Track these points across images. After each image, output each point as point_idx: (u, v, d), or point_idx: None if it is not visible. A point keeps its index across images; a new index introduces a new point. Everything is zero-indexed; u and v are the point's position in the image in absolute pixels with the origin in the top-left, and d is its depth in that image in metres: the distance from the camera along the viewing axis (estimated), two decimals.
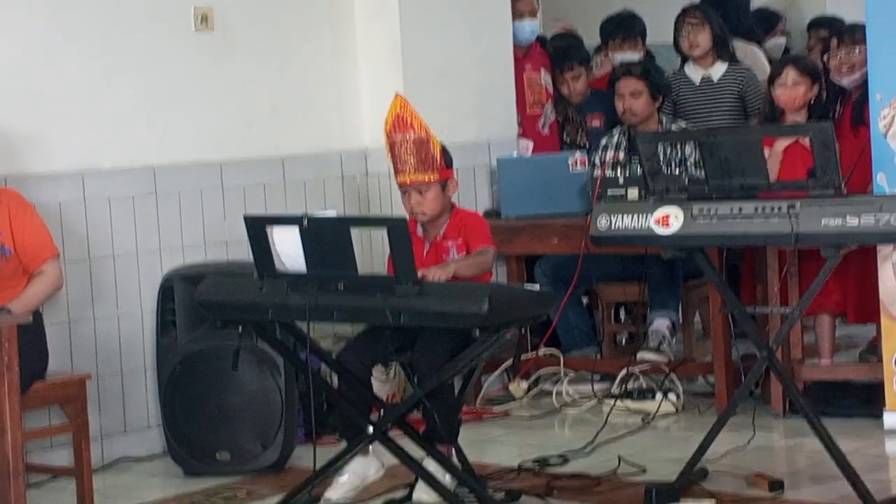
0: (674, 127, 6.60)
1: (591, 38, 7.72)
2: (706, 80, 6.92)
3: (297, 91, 6.37)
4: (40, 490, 5.25)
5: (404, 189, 4.87)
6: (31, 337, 4.68)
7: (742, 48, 7.32)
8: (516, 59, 6.97)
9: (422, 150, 4.78)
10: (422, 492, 4.73)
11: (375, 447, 4.67)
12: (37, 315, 4.88)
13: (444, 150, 4.87)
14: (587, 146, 6.93)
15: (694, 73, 6.96)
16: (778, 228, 4.53)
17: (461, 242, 4.91)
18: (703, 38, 6.89)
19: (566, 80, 7.17)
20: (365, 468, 4.73)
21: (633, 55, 7.24)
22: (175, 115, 5.92)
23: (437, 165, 4.82)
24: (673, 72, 7.05)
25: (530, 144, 6.95)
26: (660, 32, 7.62)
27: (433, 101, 6.11)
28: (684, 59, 7.05)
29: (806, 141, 5.36)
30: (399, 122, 4.79)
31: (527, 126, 7.03)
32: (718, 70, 6.92)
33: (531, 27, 7.09)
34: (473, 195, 6.57)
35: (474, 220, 5.04)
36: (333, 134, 6.52)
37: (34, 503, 4.80)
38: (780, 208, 4.51)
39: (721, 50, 6.96)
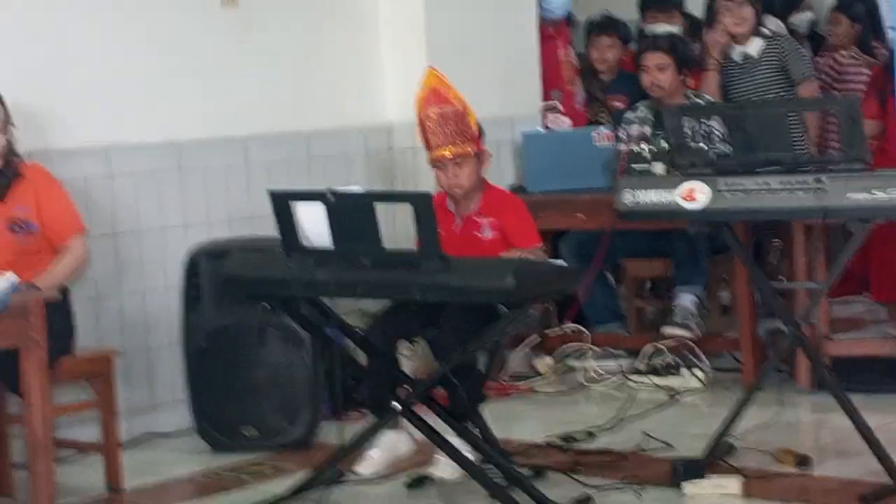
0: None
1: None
2: (748, 58, 6.82)
3: (321, 66, 6.37)
4: (68, 465, 5.27)
5: (441, 163, 4.83)
6: (59, 313, 4.70)
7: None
8: (549, 36, 6.96)
9: (460, 123, 4.76)
10: (439, 468, 4.73)
11: (406, 422, 4.67)
12: (64, 291, 4.89)
13: (478, 123, 4.85)
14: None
15: (735, 52, 6.87)
16: (805, 203, 4.50)
17: (494, 221, 4.88)
18: (748, 14, 6.80)
19: (602, 47, 7.14)
20: (395, 443, 4.73)
21: (669, 27, 7.17)
22: (200, 90, 5.92)
23: (474, 138, 4.80)
24: None
25: (568, 122, 6.93)
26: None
27: (456, 75, 6.01)
28: None
29: None
30: (435, 96, 4.76)
31: (566, 103, 7.01)
32: (756, 45, 6.81)
33: (563, 2, 7.04)
34: (498, 170, 6.55)
35: (514, 207, 4.97)
36: (357, 109, 6.51)
37: (62, 478, 4.82)
38: (806, 182, 4.48)
39: (756, 25, 6.89)
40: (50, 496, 4.12)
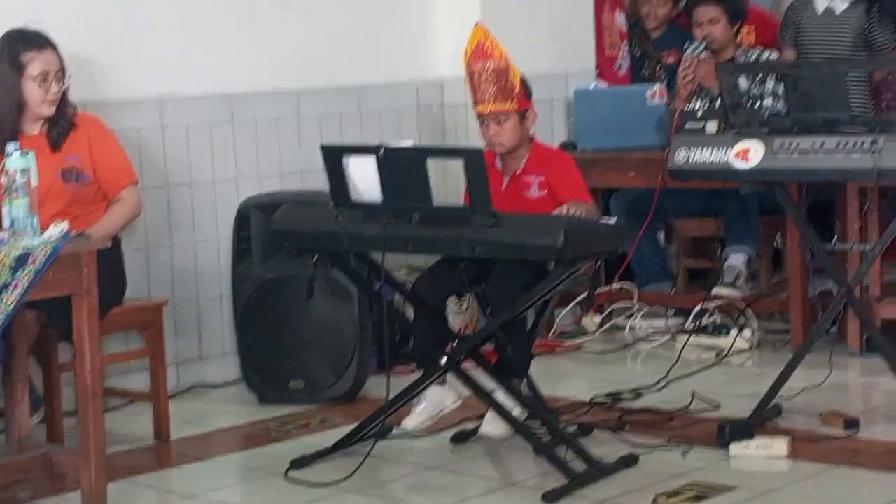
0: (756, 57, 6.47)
1: None
2: (829, 12, 6.69)
3: (375, 19, 6.35)
4: (118, 414, 5.33)
5: (482, 119, 4.83)
6: (110, 262, 4.73)
7: None
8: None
9: (501, 80, 4.74)
10: (489, 426, 4.74)
11: (452, 378, 4.68)
12: (115, 241, 4.92)
13: (523, 81, 4.82)
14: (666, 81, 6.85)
15: (819, 2, 6.75)
16: (860, 164, 4.45)
17: (542, 179, 4.86)
18: None
19: (653, 3, 7.09)
20: (442, 398, 4.74)
21: None
22: (252, 43, 5.92)
23: (516, 95, 4.77)
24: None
25: (604, 85, 6.90)
26: None
27: (511, 30, 6.04)
28: None
29: None
30: (479, 51, 4.74)
31: (604, 67, 6.97)
32: (842, 3, 6.65)
33: None
34: (550, 127, 6.53)
35: (563, 163, 4.93)
36: (410, 63, 6.50)
37: (111, 426, 4.87)
38: (862, 143, 4.43)
39: None
40: (99, 444, 4.16)
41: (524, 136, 4.88)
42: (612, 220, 4.80)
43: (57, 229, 4.06)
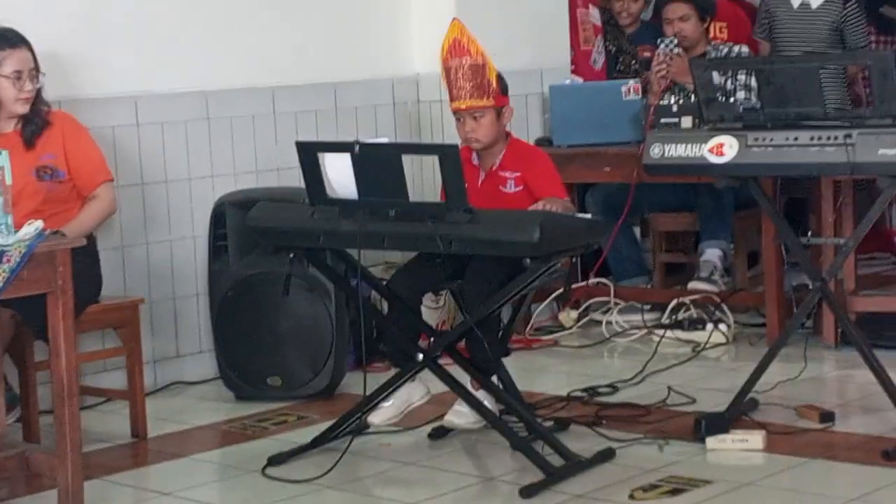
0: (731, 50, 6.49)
1: None
2: (804, 6, 6.71)
3: (350, 16, 6.35)
4: (94, 412, 5.32)
5: (459, 115, 4.83)
6: (85, 261, 4.72)
7: None
8: None
9: (477, 76, 4.74)
10: (455, 416, 4.75)
11: (422, 373, 4.68)
12: (91, 239, 4.91)
13: (500, 78, 4.83)
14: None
15: None
16: (834, 158, 4.47)
17: (518, 175, 4.87)
18: None
19: (625, 0, 7.13)
20: (410, 393, 4.74)
21: None
22: (227, 39, 5.91)
23: (493, 91, 4.78)
24: None
25: (580, 81, 6.92)
26: None
27: (486, 26, 6.03)
28: None
29: None
30: (456, 47, 4.74)
31: (579, 62, 6.98)
32: None
33: None
34: (525, 123, 6.54)
35: (539, 159, 4.94)
36: (385, 60, 6.49)
37: (88, 425, 4.86)
38: (836, 138, 4.45)
39: None
40: (75, 442, 4.15)
41: (500, 132, 4.89)
42: (588, 216, 4.81)
43: (31, 228, 4.05)
